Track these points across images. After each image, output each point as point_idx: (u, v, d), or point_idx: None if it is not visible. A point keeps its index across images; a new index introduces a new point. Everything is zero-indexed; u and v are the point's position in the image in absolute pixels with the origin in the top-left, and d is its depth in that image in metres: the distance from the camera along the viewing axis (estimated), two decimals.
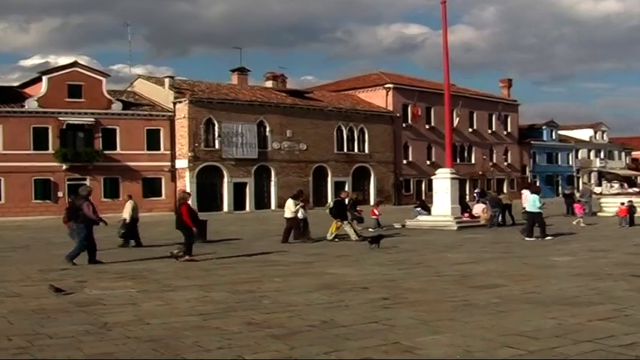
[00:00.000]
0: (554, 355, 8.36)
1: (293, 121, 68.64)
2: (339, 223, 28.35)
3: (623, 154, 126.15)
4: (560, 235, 28.29)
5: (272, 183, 67.19)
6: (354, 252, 22.63)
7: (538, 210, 27.65)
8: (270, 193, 67.35)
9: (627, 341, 8.99)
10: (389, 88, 78.69)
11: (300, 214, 27.96)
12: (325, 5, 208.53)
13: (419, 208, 38.98)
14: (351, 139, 74.09)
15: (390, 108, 78.01)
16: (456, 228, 32.95)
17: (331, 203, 30.20)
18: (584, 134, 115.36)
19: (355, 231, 28.40)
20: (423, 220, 35.51)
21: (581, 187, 30.32)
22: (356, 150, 74.48)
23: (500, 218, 35.87)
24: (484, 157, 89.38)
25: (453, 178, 35.29)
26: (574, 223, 33.89)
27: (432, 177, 37.96)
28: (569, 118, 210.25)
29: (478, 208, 37.38)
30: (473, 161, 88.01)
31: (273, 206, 65.36)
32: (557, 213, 42.75)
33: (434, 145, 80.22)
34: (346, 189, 58.27)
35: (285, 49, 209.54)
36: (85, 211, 19.72)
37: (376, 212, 34.70)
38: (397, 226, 34.77)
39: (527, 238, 26.63)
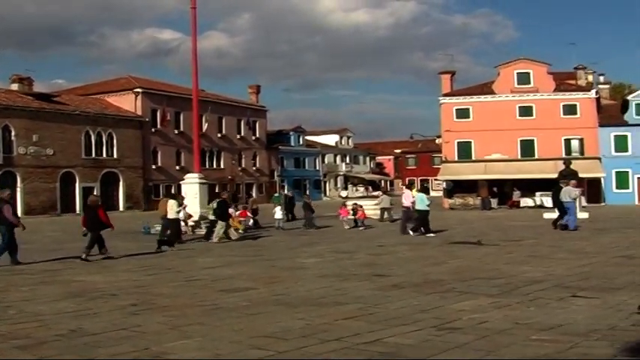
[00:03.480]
0: (303, 355, 8.50)
1: (39, 125, 66.29)
2: (234, 222, 29.61)
3: (368, 158, 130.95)
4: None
5: (18, 189, 64.57)
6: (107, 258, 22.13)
7: (427, 208, 29.84)
8: (17, 200, 64.81)
9: (371, 338, 9.29)
10: (138, 92, 77.87)
11: (181, 215, 28.35)
12: (80, 8, 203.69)
13: None
14: (99, 144, 72.61)
15: (139, 113, 77.21)
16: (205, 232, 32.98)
17: (214, 204, 30.05)
18: (331, 139, 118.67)
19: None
20: None
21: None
22: (104, 155, 73.09)
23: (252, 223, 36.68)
24: (233, 162, 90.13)
25: (201, 183, 35.29)
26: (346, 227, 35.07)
27: (181, 182, 37.81)
28: (318, 124, 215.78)
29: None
30: (222, 166, 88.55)
31: (20, 213, 62.90)
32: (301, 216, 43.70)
33: (183, 150, 79.93)
34: (95, 192, 57.12)
35: (38, 52, 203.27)
36: (6, 214, 20.08)
37: (248, 214, 35.60)
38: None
39: (428, 235, 28.78)
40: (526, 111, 69.96)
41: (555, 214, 36.07)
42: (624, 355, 8.34)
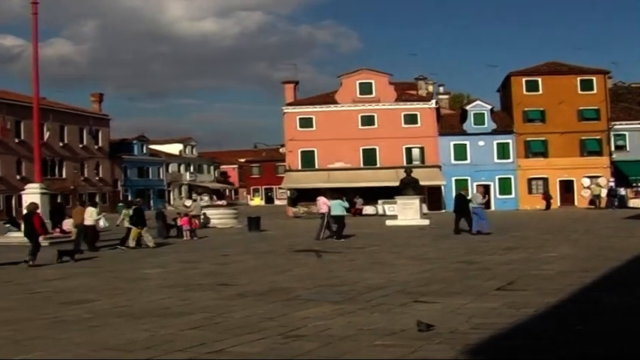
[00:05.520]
0: None
1: None
2: (140, 230, 29.24)
3: (212, 167, 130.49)
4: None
5: None
6: None
7: (344, 213, 32.29)
8: None
9: (217, 348, 9.29)
10: None
11: (101, 223, 29.20)
12: None
13: (9, 225, 37.74)
14: None
15: None
16: (47, 244, 32.19)
17: (131, 211, 29.89)
18: (175, 149, 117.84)
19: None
20: (13, 236, 34.31)
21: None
22: None
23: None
24: (75, 171, 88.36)
25: (42, 193, 34.43)
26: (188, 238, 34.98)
27: (22, 192, 36.82)
28: (163, 133, 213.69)
29: (68, 224, 36.86)
30: (64, 176, 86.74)
31: None
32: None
33: (24, 159, 77.96)
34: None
35: None
36: None
37: (179, 223, 35.44)
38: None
39: (341, 240, 30.29)
40: (368, 120, 71.19)
41: (397, 222, 37.13)
42: (464, 357, 8.62)
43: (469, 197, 34.26)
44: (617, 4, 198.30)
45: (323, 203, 32.72)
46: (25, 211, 24.60)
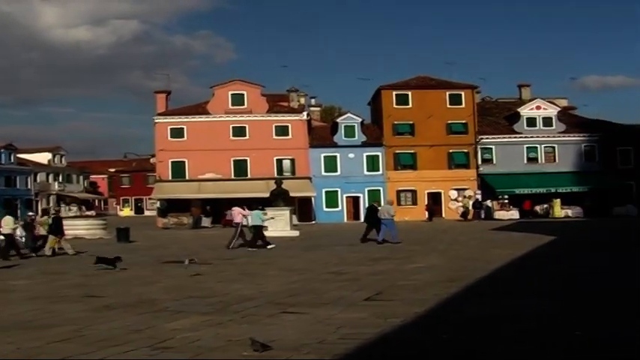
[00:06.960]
0: None
1: None
2: (59, 239, 30.10)
3: (82, 177, 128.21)
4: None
5: None
6: None
7: (261, 223, 33.02)
8: None
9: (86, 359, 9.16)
10: None
11: (18, 232, 29.92)
12: None
13: None
14: None
15: None
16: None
17: (50, 220, 30.12)
18: (44, 158, 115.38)
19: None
20: None
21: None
22: None
23: None
24: None
25: None
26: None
27: None
28: (32, 142, 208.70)
29: None
30: None
31: None
32: None
33: None
34: None
35: None
36: None
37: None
38: None
39: (268, 247, 31.19)
40: (240, 131, 71.18)
41: (267, 233, 37.36)
42: None
43: (379, 209, 35.54)
44: (485, 22, 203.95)
45: (238, 213, 34.06)
46: None
